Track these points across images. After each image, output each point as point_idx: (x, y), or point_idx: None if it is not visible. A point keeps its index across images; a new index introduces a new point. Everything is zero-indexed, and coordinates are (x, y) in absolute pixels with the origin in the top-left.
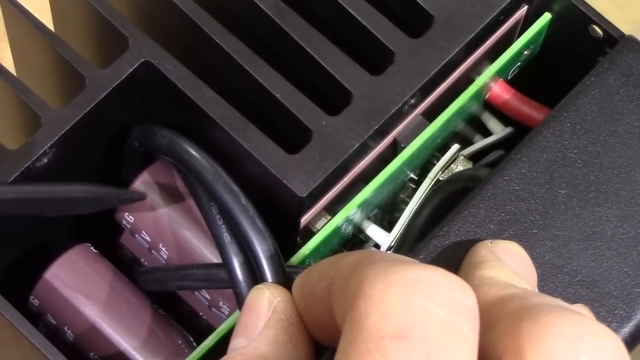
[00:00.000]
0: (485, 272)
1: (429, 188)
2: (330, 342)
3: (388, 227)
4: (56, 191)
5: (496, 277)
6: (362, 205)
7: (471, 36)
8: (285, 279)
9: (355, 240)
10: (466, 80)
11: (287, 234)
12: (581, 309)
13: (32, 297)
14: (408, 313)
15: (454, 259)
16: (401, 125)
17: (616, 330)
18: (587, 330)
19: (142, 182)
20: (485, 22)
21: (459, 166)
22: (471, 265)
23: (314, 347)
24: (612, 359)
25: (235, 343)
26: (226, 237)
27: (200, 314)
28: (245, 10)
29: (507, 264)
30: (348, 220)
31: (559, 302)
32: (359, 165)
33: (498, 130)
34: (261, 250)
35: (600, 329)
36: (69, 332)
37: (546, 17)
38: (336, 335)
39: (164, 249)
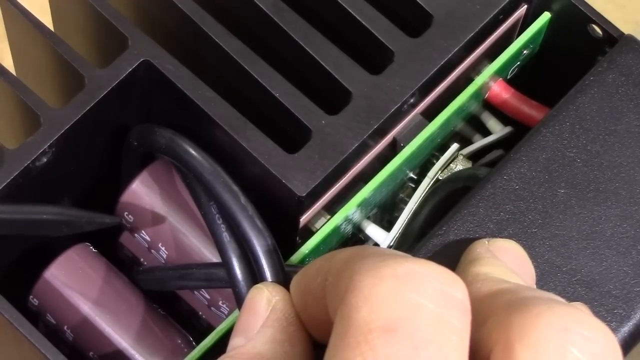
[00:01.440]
0: (479, 268)
1: (428, 187)
2: (327, 339)
3: (387, 227)
4: (26, 211)
5: (489, 274)
6: (362, 205)
7: (470, 35)
8: (284, 278)
9: (354, 239)
10: (465, 79)
11: (286, 233)
12: (580, 307)
13: (31, 296)
14: (397, 306)
15: (453, 258)
16: (401, 124)
17: (616, 330)
18: (576, 322)
19: (141, 182)
20: (485, 22)
21: (459, 165)
22: (466, 262)
23: (312, 345)
24: (602, 349)
25: (234, 342)
26: (225, 236)
27: (200, 313)
28: (244, 9)
29: (504, 261)
30: (347, 220)
31: (550, 295)
32: (359, 165)
33: (497, 129)
34: (260, 250)
35: (590, 320)
36: (69, 331)
37: (545, 16)
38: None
39: (163, 248)
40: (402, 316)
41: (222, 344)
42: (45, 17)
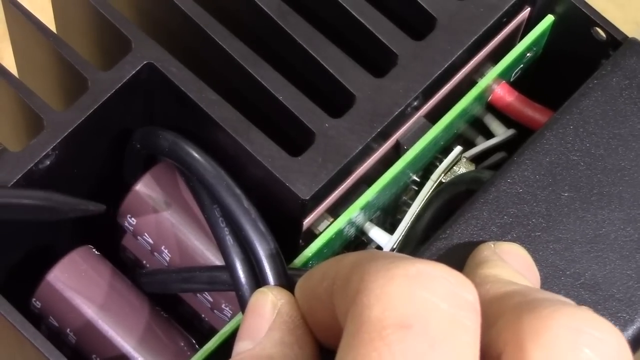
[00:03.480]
0: (487, 270)
1: (431, 190)
2: (333, 344)
3: (390, 230)
4: (7, 195)
5: (498, 275)
6: (365, 208)
7: (474, 38)
8: (287, 282)
9: (357, 242)
10: (469, 82)
11: (289, 236)
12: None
13: (34, 299)
14: (411, 304)
15: (457, 261)
16: (404, 127)
17: None
18: (587, 322)
19: (144, 185)
20: (488, 25)
21: (462, 168)
22: (474, 264)
23: (319, 349)
24: (614, 350)
25: (241, 346)
26: (229, 239)
27: (203, 316)
28: (248, 12)
29: (510, 264)
30: (350, 223)
31: (559, 297)
32: (362, 168)
33: (501, 132)
34: (263, 253)
35: (601, 321)
36: (71, 334)
37: (549, 19)
38: (339, 336)
39: (166, 251)
40: (416, 314)
41: (225, 347)
42: (45, 17)
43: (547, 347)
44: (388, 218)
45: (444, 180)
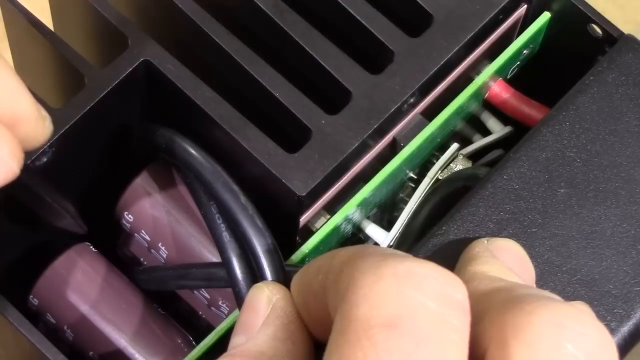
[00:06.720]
0: (476, 267)
1: (428, 187)
2: (328, 338)
3: (387, 226)
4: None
5: (486, 272)
6: (362, 205)
7: (470, 35)
8: (284, 278)
9: (354, 239)
10: (465, 79)
11: (286, 233)
12: (581, 305)
13: (31, 296)
14: (398, 304)
15: (453, 258)
16: (400, 124)
17: (615, 329)
18: (570, 318)
19: (141, 182)
20: (485, 21)
21: (458, 165)
22: (465, 261)
23: (313, 344)
24: (597, 346)
25: (235, 341)
26: (225, 236)
27: (200, 313)
28: (245, 9)
29: (503, 261)
30: (347, 220)
31: (545, 293)
32: (358, 165)
33: (497, 129)
34: (260, 249)
35: (584, 317)
36: (69, 331)
37: (545, 16)
38: None
39: (163, 248)
40: (403, 313)
41: (222, 343)
42: (45, 17)
43: (529, 344)
44: (385, 215)
45: (440, 177)
